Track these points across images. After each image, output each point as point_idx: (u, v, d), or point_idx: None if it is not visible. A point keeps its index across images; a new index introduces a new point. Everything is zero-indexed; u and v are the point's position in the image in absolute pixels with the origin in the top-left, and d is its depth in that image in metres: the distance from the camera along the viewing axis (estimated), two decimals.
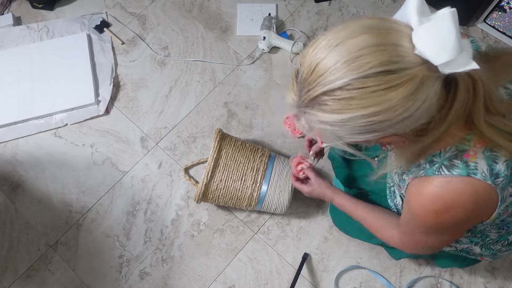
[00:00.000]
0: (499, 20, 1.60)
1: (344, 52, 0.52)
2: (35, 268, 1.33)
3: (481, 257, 0.96)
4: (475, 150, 0.64)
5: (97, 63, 1.63)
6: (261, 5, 1.71)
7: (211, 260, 1.34)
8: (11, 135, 1.52)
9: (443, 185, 0.65)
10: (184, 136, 1.51)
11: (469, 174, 0.63)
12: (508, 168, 0.64)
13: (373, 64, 0.51)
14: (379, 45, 0.52)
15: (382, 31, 0.53)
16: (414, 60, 0.52)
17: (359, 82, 0.52)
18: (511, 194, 0.68)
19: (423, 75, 0.52)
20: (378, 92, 0.52)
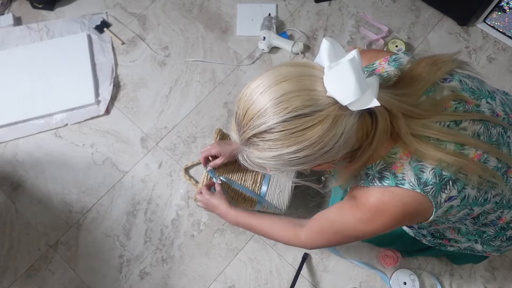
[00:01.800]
0: (499, 20, 1.60)
1: (267, 99, 0.60)
2: (35, 268, 1.33)
3: (487, 253, 0.97)
4: (401, 162, 0.70)
5: (97, 63, 1.63)
6: (261, 5, 1.71)
7: (211, 260, 1.34)
8: (11, 135, 1.52)
9: (376, 195, 0.72)
10: (184, 136, 1.51)
11: (397, 184, 0.69)
12: (436, 175, 0.68)
13: (290, 109, 0.59)
14: (295, 91, 0.59)
15: (299, 78, 0.61)
16: (327, 102, 0.60)
17: (280, 125, 0.59)
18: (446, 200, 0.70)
19: (335, 114, 0.59)
20: (296, 133, 0.60)
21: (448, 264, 1.30)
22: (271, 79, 0.61)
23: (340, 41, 1.65)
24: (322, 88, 0.60)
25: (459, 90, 0.74)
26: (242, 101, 0.64)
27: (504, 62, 1.61)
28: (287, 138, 0.60)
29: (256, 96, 0.61)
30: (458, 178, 0.69)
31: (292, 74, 0.61)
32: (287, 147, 0.61)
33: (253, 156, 0.65)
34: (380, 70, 0.78)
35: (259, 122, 0.61)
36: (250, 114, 0.62)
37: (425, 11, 1.70)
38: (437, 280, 1.29)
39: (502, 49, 1.63)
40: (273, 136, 0.61)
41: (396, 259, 1.27)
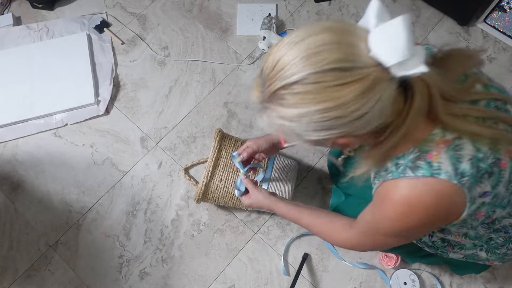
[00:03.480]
0: (499, 20, 1.60)
1: (302, 49, 0.55)
2: (35, 268, 1.33)
3: (490, 262, 0.95)
4: (438, 150, 0.64)
5: (97, 63, 1.63)
6: (261, 5, 1.71)
7: (211, 260, 1.34)
8: (11, 135, 1.52)
9: (408, 187, 0.66)
10: (184, 136, 1.51)
11: (432, 174, 0.64)
12: (473, 166, 0.64)
13: (328, 60, 0.54)
14: (336, 43, 0.55)
15: (340, 31, 0.56)
16: (368, 61, 0.55)
17: (314, 77, 0.54)
18: (481, 195, 0.66)
19: (376, 76, 0.54)
20: (331, 88, 0.54)
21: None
22: (307, 30, 0.57)
23: None
24: (365, 46, 0.55)
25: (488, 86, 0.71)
26: (272, 53, 0.58)
27: (504, 62, 1.61)
28: (320, 92, 0.54)
29: (289, 47, 0.56)
30: (493, 172, 0.66)
31: (334, 27, 0.56)
32: (317, 103, 0.55)
33: (274, 114, 0.59)
34: None
35: (290, 72, 0.55)
36: (280, 64, 0.56)
37: (425, 11, 1.70)
38: (437, 280, 1.28)
39: (502, 49, 1.63)
40: (304, 88, 0.55)
41: (396, 259, 1.27)
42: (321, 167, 1.44)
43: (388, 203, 0.69)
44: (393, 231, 0.73)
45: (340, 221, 0.90)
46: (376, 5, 0.57)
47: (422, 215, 0.66)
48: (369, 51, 0.55)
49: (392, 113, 0.59)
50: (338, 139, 0.62)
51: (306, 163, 1.45)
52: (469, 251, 0.93)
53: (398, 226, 0.70)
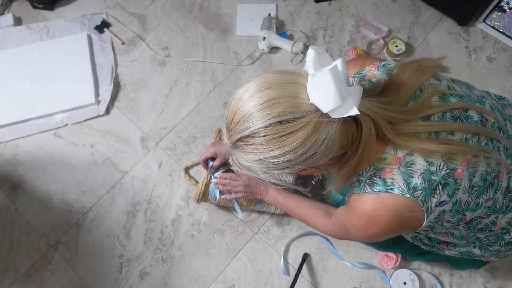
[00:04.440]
0: (499, 20, 1.60)
1: (251, 105, 0.62)
2: (35, 268, 1.33)
3: (486, 258, 0.96)
4: (391, 167, 0.70)
5: (97, 63, 1.63)
6: (261, 5, 1.71)
7: (211, 260, 1.34)
8: (11, 135, 1.52)
9: (368, 202, 0.73)
10: (184, 136, 1.51)
11: (387, 190, 0.70)
12: (425, 180, 0.69)
13: (272, 115, 0.60)
14: (279, 98, 0.61)
15: (284, 85, 0.63)
16: (309, 109, 0.61)
17: (263, 131, 0.61)
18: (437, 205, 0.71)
19: (317, 121, 0.61)
20: (279, 138, 0.61)
21: (448, 264, 1.30)
22: (257, 86, 0.64)
23: (340, 41, 1.65)
24: (305, 95, 0.61)
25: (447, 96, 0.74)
26: (231, 105, 0.66)
27: (504, 62, 1.61)
28: (270, 143, 0.62)
29: (243, 102, 0.64)
30: (447, 183, 0.70)
31: (278, 81, 0.63)
32: (270, 151, 0.62)
33: (240, 159, 0.67)
34: (369, 75, 0.79)
35: (244, 127, 0.63)
36: (236, 118, 0.64)
37: (425, 11, 1.70)
38: (437, 280, 1.29)
39: (502, 49, 1.63)
40: (256, 141, 0.62)
41: (396, 259, 1.27)
42: None
43: (354, 214, 0.77)
44: (360, 236, 0.80)
45: (322, 208, 1.02)
46: (311, 54, 0.63)
47: (382, 226, 0.73)
48: (309, 99, 0.61)
49: (342, 144, 0.65)
50: (302, 171, 0.69)
51: None
52: (463, 249, 0.95)
53: (364, 234, 0.78)
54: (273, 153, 0.62)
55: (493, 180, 0.74)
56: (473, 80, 1.58)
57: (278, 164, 0.64)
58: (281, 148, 0.62)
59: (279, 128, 0.61)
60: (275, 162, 0.64)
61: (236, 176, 1.18)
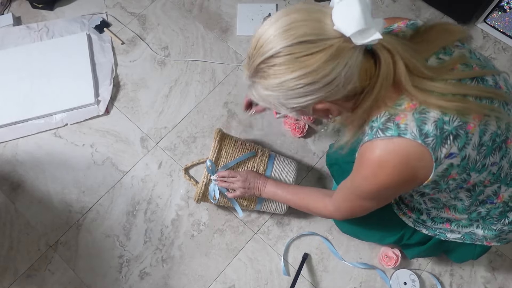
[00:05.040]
0: (499, 20, 1.60)
1: (276, 27, 0.65)
2: (35, 268, 1.33)
3: (487, 242, 0.96)
4: (405, 113, 0.70)
5: (97, 63, 1.63)
6: (261, 5, 1.71)
7: (211, 260, 1.34)
8: (11, 135, 1.52)
9: (379, 147, 0.73)
10: (184, 136, 1.51)
11: (399, 134, 0.70)
12: (437, 128, 0.69)
13: (297, 35, 0.63)
14: (303, 21, 0.64)
15: (309, 11, 0.65)
16: (333, 34, 0.63)
17: (285, 50, 0.63)
18: (446, 156, 0.71)
19: (340, 45, 0.63)
20: (301, 58, 0.63)
21: (448, 264, 1.30)
22: (282, 12, 0.66)
23: None
24: (330, 22, 0.63)
25: (468, 57, 0.75)
26: (255, 36, 0.67)
27: (504, 62, 1.61)
28: (292, 63, 0.63)
29: (267, 27, 0.66)
30: (459, 134, 0.70)
31: (303, 7, 0.66)
32: (291, 72, 0.64)
33: (260, 86, 0.69)
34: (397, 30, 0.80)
35: (267, 48, 0.65)
36: (260, 43, 0.66)
37: (425, 11, 1.70)
38: (437, 280, 1.29)
39: (502, 49, 1.63)
40: (278, 61, 0.64)
41: (396, 259, 1.27)
42: (321, 167, 1.44)
43: (364, 163, 0.76)
44: (369, 191, 0.79)
45: (321, 191, 1.02)
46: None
47: (391, 173, 0.73)
48: (333, 25, 0.63)
49: (361, 78, 0.67)
50: (317, 105, 0.70)
51: (306, 163, 1.45)
52: (465, 229, 0.94)
53: (372, 185, 0.77)
54: (294, 74, 0.64)
55: (501, 144, 0.75)
56: None
57: (298, 88, 0.65)
58: (302, 69, 0.63)
59: (302, 48, 0.62)
60: (295, 86, 0.65)
61: (234, 173, 1.18)
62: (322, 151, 1.47)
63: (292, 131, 1.48)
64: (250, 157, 1.26)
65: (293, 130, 1.47)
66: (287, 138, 1.49)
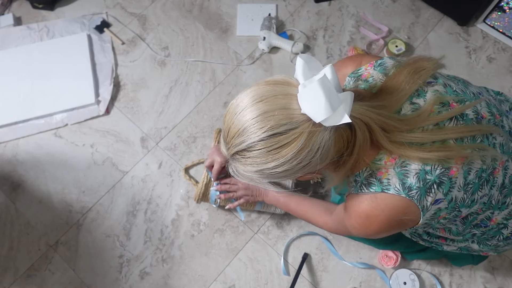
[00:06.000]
0: (499, 20, 1.60)
1: (244, 119, 0.64)
2: (35, 268, 1.33)
3: (484, 253, 0.97)
4: (386, 168, 0.72)
5: (97, 63, 1.63)
6: (261, 5, 1.71)
7: (211, 260, 1.34)
8: (11, 135, 1.52)
9: (365, 202, 0.75)
10: (184, 136, 1.51)
11: (383, 190, 0.72)
12: (419, 180, 0.70)
13: (265, 129, 0.62)
14: (271, 111, 0.62)
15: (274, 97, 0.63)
16: (301, 119, 0.62)
17: (257, 144, 0.63)
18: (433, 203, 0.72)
19: (310, 130, 0.61)
20: (273, 151, 0.63)
21: (448, 264, 1.30)
22: (249, 99, 0.64)
23: (340, 41, 1.65)
24: (297, 105, 0.62)
25: (442, 93, 0.74)
26: (226, 119, 0.68)
27: (504, 62, 1.61)
28: (265, 156, 0.63)
29: (236, 116, 0.65)
30: (442, 181, 0.70)
31: (269, 93, 0.64)
32: (266, 164, 0.64)
33: (239, 169, 0.69)
34: (365, 75, 0.79)
35: (239, 141, 0.65)
36: (231, 132, 0.66)
37: (425, 11, 1.70)
38: (437, 280, 1.29)
39: (502, 49, 1.63)
40: (252, 154, 0.64)
41: (396, 259, 1.27)
42: None
43: (352, 214, 0.78)
44: (360, 234, 0.81)
45: (323, 206, 1.05)
46: (300, 64, 0.64)
47: (379, 225, 0.75)
48: (300, 109, 0.62)
49: (339, 149, 0.66)
50: (300, 178, 0.71)
51: None
52: (461, 244, 0.95)
53: (362, 233, 0.79)
54: (269, 164, 0.64)
55: (488, 177, 0.75)
56: (473, 80, 1.57)
57: (276, 174, 0.66)
58: (276, 160, 0.63)
59: (273, 141, 0.62)
60: (273, 173, 0.66)
61: (235, 180, 1.18)
62: None
63: None
64: None
65: None
66: None
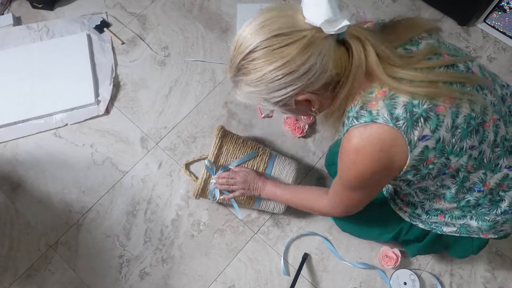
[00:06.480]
0: (499, 20, 1.60)
1: (252, 26, 0.71)
2: (35, 268, 1.33)
3: (484, 234, 0.96)
4: (376, 99, 0.74)
5: (97, 63, 1.63)
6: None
7: (211, 260, 1.34)
8: (11, 135, 1.52)
9: (355, 135, 0.76)
10: (184, 136, 1.51)
11: (372, 120, 0.73)
12: (407, 111, 0.72)
13: (271, 30, 0.68)
14: (277, 17, 0.70)
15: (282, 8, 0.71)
16: (305, 26, 0.68)
17: (262, 44, 0.68)
18: (420, 138, 0.73)
19: (312, 35, 0.67)
20: (277, 50, 0.68)
21: (448, 264, 1.30)
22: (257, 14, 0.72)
23: None
24: (301, 17, 0.68)
25: (436, 47, 0.78)
26: (235, 39, 0.73)
27: (504, 62, 1.61)
28: (269, 55, 0.68)
29: (244, 28, 0.71)
30: (429, 116, 0.72)
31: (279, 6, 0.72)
32: (269, 65, 0.68)
33: (242, 84, 0.73)
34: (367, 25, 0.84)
35: (245, 46, 0.70)
36: (239, 42, 0.71)
37: (425, 11, 1.70)
38: (437, 280, 1.29)
39: (502, 49, 1.63)
40: (257, 55, 0.69)
41: (396, 259, 1.27)
42: (321, 167, 1.44)
43: (343, 153, 0.79)
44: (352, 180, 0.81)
45: (319, 190, 1.04)
46: None
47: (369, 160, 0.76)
48: (305, 19, 0.68)
49: (336, 65, 0.70)
50: (298, 97, 0.73)
51: (306, 163, 1.45)
52: (459, 221, 0.94)
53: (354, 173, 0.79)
54: (273, 65, 0.68)
55: (477, 126, 0.76)
56: None
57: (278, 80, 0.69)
58: (279, 60, 0.68)
59: (277, 40, 0.67)
60: (275, 78, 0.69)
61: (233, 174, 1.19)
62: (322, 151, 1.47)
63: (292, 131, 1.48)
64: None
65: (293, 130, 1.47)
66: (287, 138, 1.49)
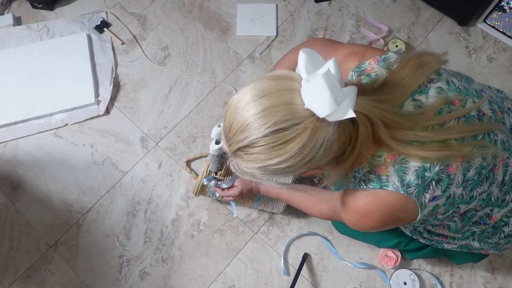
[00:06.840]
0: (499, 20, 1.60)
1: (248, 115, 0.62)
2: (35, 268, 1.33)
3: (485, 251, 0.96)
4: (386, 164, 0.72)
5: (97, 63, 1.63)
6: (261, 5, 1.71)
7: (211, 260, 1.34)
8: (11, 135, 1.52)
9: (362, 198, 0.75)
10: (184, 136, 1.51)
11: (381, 186, 0.72)
12: (418, 177, 0.70)
13: (269, 124, 0.60)
14: (274, 106, 0.61)
15: (278, 92, 0.62)
16: (305, 114, 0.61)
17: (261, 140, 0.62)
18: (431, 199, 0.72)
19: (313, 126, 0.61)
20: (277, 147, 0.62)
21: (448, 264, 1.30)
22: (252, 94, 0.63)
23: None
24: (300, 101, 0.61)
25: (445, 90, 0.74)
26: (227, 115, 0.66)
27: (504, 62, 1.61)
28: (269, 152, 0.62)
29: (238, 111, 0.64)
30: (441, 179, 0.70)
31: (272, 88, 0.63)
32: (269, 160, 0.63)
33: (241, 166, 0.68)
34: (369, 70, 0.78)
35: (242, 137, 0.63)
36: (234, 128, 0.64)
37: (425, 11, 1.70)
38: (437, 280, 1.29)
39: (502, 49, 1.63)
40: (255, 150, 0.63)
41: (396, 259, 1.27)
42: None
43: (349, 210, 0.79)
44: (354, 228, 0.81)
45: (316, 195, 1.04)
46: (303, 58, 0.62)
47: (376, 221, 0.75)
48: (303, 104, 0.61)
49: (341, 144, 0.65)
50: (303, 173, 0.70)
51: None
52: (462, 242, 0.95)
53: (357, 228, 0.80)
54: (273, 161, 0.63)
55: (488, 174, 0.75)
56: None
57: (279, 170, 0.65)
58: (280, 156, 0.62)
59: (277, 137, 0.61)
60: (276, 169, 0.64)
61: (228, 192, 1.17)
62: None
63: None
64: None
65: None
66: None
